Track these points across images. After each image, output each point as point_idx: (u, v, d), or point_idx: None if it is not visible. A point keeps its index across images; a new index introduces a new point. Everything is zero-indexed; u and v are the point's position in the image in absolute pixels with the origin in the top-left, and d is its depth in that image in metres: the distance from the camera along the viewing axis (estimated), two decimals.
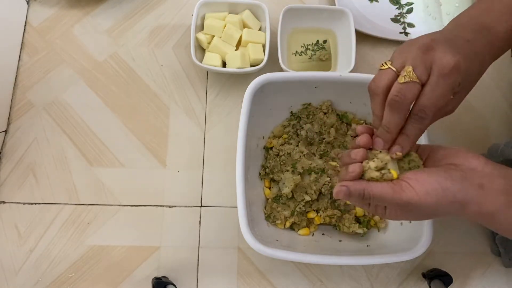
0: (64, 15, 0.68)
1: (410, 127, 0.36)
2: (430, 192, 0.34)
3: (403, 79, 0.34)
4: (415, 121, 0.36)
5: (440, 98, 0.34)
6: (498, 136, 0.63)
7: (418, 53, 0.34)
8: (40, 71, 0.65)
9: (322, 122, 0.59)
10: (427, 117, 0.35)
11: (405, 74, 0.34)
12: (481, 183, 0.34)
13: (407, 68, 0.34)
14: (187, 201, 0.59)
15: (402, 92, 0.34)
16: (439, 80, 0.34)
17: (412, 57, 0.35)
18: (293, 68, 0.64)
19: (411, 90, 0.34)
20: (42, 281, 0.55)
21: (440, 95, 0.34)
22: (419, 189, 0.34)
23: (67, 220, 0.58)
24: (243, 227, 0.47)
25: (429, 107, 0.34)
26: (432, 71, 0.34)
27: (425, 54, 0.34)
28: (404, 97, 0.34)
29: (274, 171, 0.57)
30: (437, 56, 0.34)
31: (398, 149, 0.37)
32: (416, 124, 0.36)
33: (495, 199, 0.34)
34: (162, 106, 0.63)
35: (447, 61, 0.34)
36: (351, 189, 0.36)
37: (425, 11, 0.70)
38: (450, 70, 0.34)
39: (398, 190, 0.35)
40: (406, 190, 0.34)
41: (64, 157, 0.60)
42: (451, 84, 0.34)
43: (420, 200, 0.34)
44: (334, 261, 0.48)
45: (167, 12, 0.69)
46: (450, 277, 0.53)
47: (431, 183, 0.34)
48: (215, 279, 0.56)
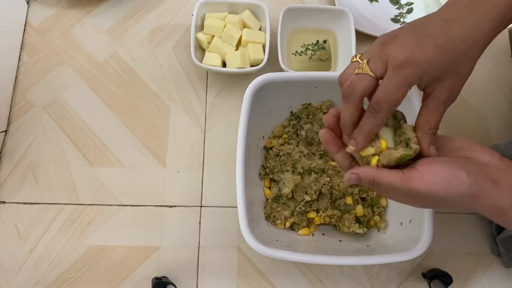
0: (64, 15, 0.68)
1: (365, 120, 0.36)
2: (441, 183, 0.33)
3: (356, 70, 0.35)
4: (369, 113, 0.35)
5: (394, 91, 0.34)
6: (498, 136, 0.63)
7: (376, 47, 0.35)
8: (40, 71, 0.65)
9: (322, 122, 0.59)
10: (380, 110, 0.34)
11: (360, 66, 0.35)
12: (495, 178, 0.34)
13: (363, 61, 0.35)
14: (187, 201, 0.59)
15: (353, 83, 0.35)
16: (393, 73, 0.34)
17: (371, 52, 0.35)
18: (293, 68, 0.64)
19: (360, 81, 0.34)
20: (42, 281, 0.55)
21: (394, 88, 0.34)
22: (429, 178, 0.34)
23: (67, 220, 0.58)
24: (243, 227, 0.47)
25: (382, 99, 0.34)
26: (388, 65, 0.34)
27: (382, 49, 0.35)
28: (353, 87, 0.35)
29: (274, 171, 0.57)
30: (391, 50, 0.34)
31: (352, 143, 0.36)
32: (370, 118, 0.35)
33: (508, 194, 0.34)
34: (162, 106, 0.63)
35: (398, 54, 0.34)
36: (361, 176, 0.36)
37: (425, 11, 0.70)
38: (402, 63, 0.33)
39: (407, 179, 0.34)
40: (416, 180, 0.34)
41: (64, 157, 0.60)
42: (405, 77, 0.34)
43: (429, 190, 0.34)
44: (334, 261, 0.48)
45: (167, 12, 0.69)
46: (450, 277, 0.53)
47: (444, 173, 0.34)
48: (215, 279, 0.56)
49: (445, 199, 0.34)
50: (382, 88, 0.34)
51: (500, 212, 0.34)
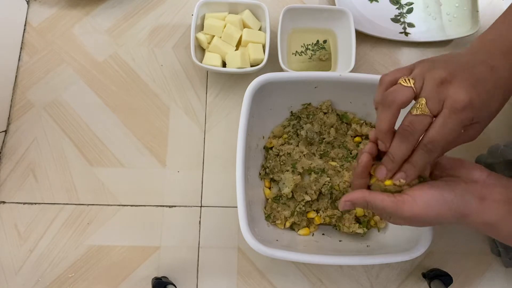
0: (64, 15, 0.68)
1: (418, 157, 0.36)
2: (431, 206, 0.35)
3: (415, 111, 0.34)
4: (424, 152, 0.35)
5: (450, 133, 0.34)
6: (498, 136, 0.63)
7: (433, 85, 0.34)
8: (40, 71, 0.65)
9: (322, 122, 0.59)
10: (435, 150, 0.35)
11: (418, 106, 0.34)
12: (482, 195, 0.36)
13: (421, 101, 0.34)
14: (187, 201, 0.59)
15: (414, 124, 0.35)
16: (450, 115, 0.34)
17: (428, 88, 0.34)
18: (293, 68, 0.64)
19: (422, 123, 0.34)
20: (42, 281, 0.55)
21: (450, 130, 0.34)
22: (420, 203, 0.36)
23: (67, 220, 0.58)
24: (243, 227, 0.47)
25: (438, 140, 0.34)
26: (444, 105, 0.34)
27: (439, 88, 0.34)
28: (414, 129, 0.35)
29: (274, 171, 0.57)
30: (451, 91, 0.34)
31: (402, 176, 0.37)
32: (424, 155, 0.36)
33: (496, 209, 0.35)
34: (162, 106, 0.63)
35: (460, 98, 0.33)
36: (355, 202, 0.39)
37: (425, 11, 0.70)
38: (463, 107, 0.33)
39: (399, 204, 0.36)
40: (408, 204, 0.36)
41: (64, 157, 0.60)
42: (462, 121, 0.34)
43: (421, 213, 0.36)
44: (334, 261, 0.48)
45: (167, 12, 0.69)
46: (450, 277, 0.53)
47: (434, 197, 0.36)
48: (215, 279, 0.56)
49: (438, 219, 0.36)
50: (439, 129, 0.34)
51: (491, 226, 0.36)
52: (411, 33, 0.68)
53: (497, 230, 0.36)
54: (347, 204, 0.39)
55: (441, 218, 0.36)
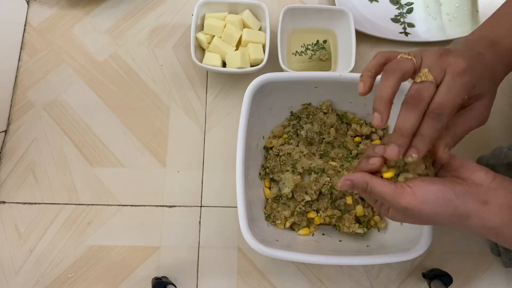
0: (64, 15, 0.68)
1: (426, 125, 0.35)
2: (429, 201, 0.35)
3: (419, 79, 0.36)
4: (431, 119, 0.35)
5: (456, 96, 0.35)
6: (498, 136, 0.63)
7: (434, 56, 0.36)
8: (40, 71, 0.65)
9: (322, 122, 0.59)
10: (444, 114, 0.35)
11: (421, 75, 0.36)
12: (486, 199, 0.35)
13: (423, 70, 0.36)
14: (187, 201, 0.59)
15: (420, 91, 0.35)
16: (454, 79, 0.35)
17: (428, 60, 0.36)
18: (293, 68, 0.64)
19: (427, 89, 0.35)
20: (42, 281, 0.55)
21: (456, 93, 0.35)
22: (419, 196, 0.35)
23: (67, 220, 0.58)
24: (243, 227, 0.47)
25: (445, 103, 0.35)
26: (446, 72, 0.36)
27: (440, 57, 0.36)
28: (421, 96, 0.35)
29: (274, 171, 0.57)
30: (451, 59, 0.36)
31: (413, 151, 0.36)
32: (432, 122, 0.35)
33: (500, 213, 0.35)
34: (162, 106, 0.63)
35: (460, 62, 0.36)
36: (355, 181, 0.38)
37: (425, 11, 0.70)
38: (464, 69, 0.35)
39: (398, 193, 0.36)
40: (406, 195, 0.35)
41: (64, 157, 0.60)
42: (465, 83, 0.35)
43: (417, 206, 0.35)
44: (334, 261, 0.48)
45: (167, 12, 0.69)
46: (450, 277, 0.53)
47: (433, 192, 0.35)
48: (215, 279, 0.56)
49: (434, 218, 0.36)
50: (444, 93, 0.35)
51: (494, 231, 0.35)
52: (411, 33, 0.68)
53: (500, 234, 0.35)
54: (347, 183, 0.38)
55: (437, 215, 0.35)
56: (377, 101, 0.37)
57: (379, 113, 0.36)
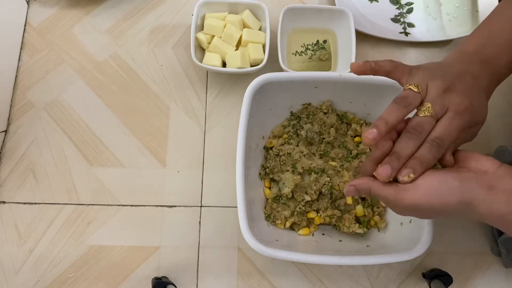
0: (64, 15, 0.68)
1: (425, 151, 0.37)
2: (434, 193, 0.35)
3: (423, 113, 0.38)
4: (431, 146, 0.37)
5: (455, 131, 0.38)
6: (499, 137, 0.63)
7: (438, 91, 0.38)
8: (40, 71, 0.65)
9: (322, 122, 0.59)
10: (443, 145, 0.37)
11: (425, 109, 0.38)
12: (491, 184, 0.35)
13: (427, 104, 0.38)
14: (187, 201, 0.59)
15: (422, 124, 0.38)
16: (455, 117, 0.38)
17: (433, 94, 0.38)
18: (293, 68, 0.64)
19: (429, 123, 0.38)
20: (42, 281, 0.55)
21: (455, 128, 0.38)
22: (422, 190, 0.35)
23: (67, 220, 0.58)
24: (243, 227, 0.47)
25: (445, 135, 0.37)
26: (449, 109, 0.38)
27: (443, 95, 0.38)
28: (423, 128, 0.37)
29: (274, 171, 0.57)
30: (453, 98, 0.38)
31: (409, 171, 0.36)
32: (431, 149, 0.37)
33: (506, 199, 0.34)
34: (162, 106, 0.63)
35: (462, 103, 0.38)
36: (358, 187, 0.39)
37: (425, 11, 0.70)
38: (464, 109, 0.38)
39: (400, 192, 0.36)
40: (409, 192, 0.36)
41: (64, 157, 0.60)
42: (464, 121, 0.38)
43: (422, 201, 0.35)
44: (334, 261, 0.48)
45: (167, 12, 0.69)
46: (450, 277, 0.53)
47: (437, 183, 0.35)
48: (215, 279, 0.56)
49: (441, 209, 0.36)
50: (445, 127, 0.37)
51: (500, 217, 0.35)
52: (411, 33, 0.68)
53: (505, 221, 0.35)
54: (351, 188, 0.39)
55: (444, 206, 0.35)
56: (380, 121, 0.37)
57: (378, 129, 0.37)
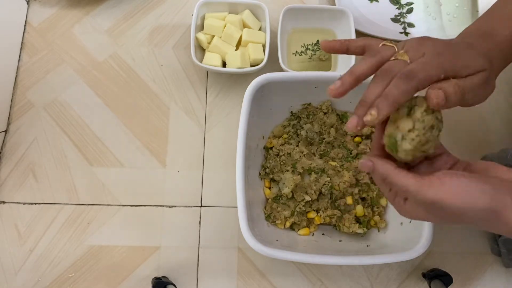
0: (64, 15, 0.68)
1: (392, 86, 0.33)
2: (462, 192, 0.31)
3: (394, 57, 0.36)
4: (399, 80, 0.33)
5: (429, 70, 0.33)
6: (499, 138, 0.63)
7: (414, 41, 0.37)
8: (40, 71, 0.65)
9: (322, 122, 0.59)
10: (414, 78, 0.33)
11: (396, 55, 0.36)
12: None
13: (400, 51, 0.36)
14: (187, 201, 0.59)
15: (391, 66, 0.35)
16: (432, 57, 0.34)
17: (408, 44, 0.37)
18: (293, 68, 0.64)
19: (399, 64, 0.35)
20: (42, 281, 0.55)
21: (429, 67, 0.33)
22: (449, 187, 0.32)
23: (67, 220, 0.58)
24: (243, 227, 0.47)
25: (418, 70, 0.33)
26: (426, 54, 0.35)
27: (420, 41, 0.36)
28: (391, 70, 0.35)
29: (274, 171, 0.57)
30: (429, 42, 0.36)
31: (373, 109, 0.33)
32: (399, 83, 0.33)
33: None
34: (162, 106, 0.63)
35: (438, 45, 0.36)
36: (376, 167, 0.35)
37: (425, 11, 0.70)
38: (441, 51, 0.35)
39: (425, 185, 0.32)
40: (434, 187, 0.32)
41: (64, 157, 0.60)
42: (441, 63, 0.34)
43: (448, 199, 0.31)
44: (334, 261, 0.48)
45: (167, 12, 0.69)
46: (450, 277, 0.53)
47: (465, 184, 0.32)
48: (215, 279, 0.56)
49: (464, 212, 0.32)
50: (419, 62, 0.34)
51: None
52: (411, 33, 0.68)
53: None
54: (368, 164, 0.36)
55: (469, 210, 0.32)
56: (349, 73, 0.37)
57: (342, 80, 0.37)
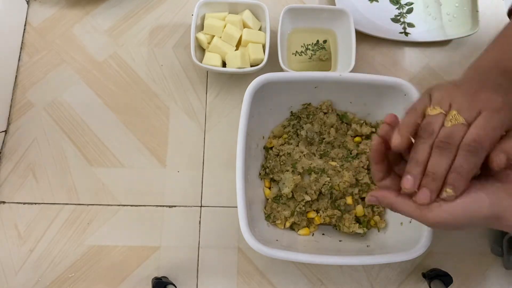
0: (64, 15, 0.68)
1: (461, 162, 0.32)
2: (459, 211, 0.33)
3: (449, 123, 0.33)
4: (467, 153, 0.32)
5: (493, 131, 0.32)
6: None
7: (464, 97, 0.34)
8: (40, 71, 0.65)
9: (322, 122, 0.59)
10: (482, 147, 0.32)
11: (451, 118, 0.34)
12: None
13: (452, 112, 0.34)
14: (187, 201, 0.59)
15: (451, 135, 0.33)
16: (492, 114, 0.33)
17: (458, 101, 0.34)
18: (293, 68, 0.64)
19: (459, 131, 0.33)
20: (42, 281, 0.55)
21: (494, 127, 0.32)
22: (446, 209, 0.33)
23: (67, 220, 0.58)
24: (243, 227, 0.47)
25: (482, 137, 0.32)
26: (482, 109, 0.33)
27: (472, 97, 0.34)
28: (452, 139, 0.33)
29: (274, 171, 0.57)
30: (483, 96, 0.33)
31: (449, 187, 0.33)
32: (468, 158, 0.32)
33: None
34: (162, 106, 0.63)
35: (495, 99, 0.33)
36: (380, 200, 0.38)
37: (425, 11, 0.70)
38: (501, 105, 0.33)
39: (424, 211, 0.34)
40: (433, 211, 0.34)
41: (64, 157, 0.60)
42: (503, 119, 0.33)
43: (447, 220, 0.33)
44: (334, 261, 0.48)
45: (167, 12, 0.69)
46: (450, 277, 0.53)
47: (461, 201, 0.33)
48: (215, 279, 0.56)
49: (466, 224, 0.34)
50: (480, 128, 0.32)
51: None
52: (411, 33, 0.68)
53: None
54: (373, 199, 0.38)
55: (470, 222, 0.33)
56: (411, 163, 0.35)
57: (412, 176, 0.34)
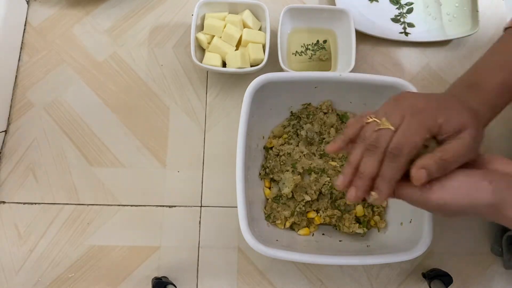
0: (64, 15, 0.68)
1: (386, 167, 0.36)
2: (462, 193, 0.34)
3: (377, 127, 0.36)
4: (390, 160, 0.35)
5: (413, 135, 0.35)
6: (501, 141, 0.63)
7: (391, 105, 0.37)
8: (40, 71, 0.65)
9: (322, 122, 0.59)
10: (401, 154, 0.35)
11: (380, 124, 0.36)
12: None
13: (382, 119, 0.37)
14: (187, 201, 0.59)
15: (378, 139, 0.36)
16: (411, 119, 0.35)
17: (386, 109, 0.37)
18: (293, 68, 0.64)
19: (385, 136, 0.36)
20: (42, 281, 0.55)
21: (412, 133, 0.35)
22: (450, 188, 0.34)
23: (67, 220, 0.58)
24: (243, 227, 0.47)
25: (402, 144, 0.35)
26: (404, 115, 0.36)
27: (396, 104, 0.37)
28: (379, 142, 0.36)
29: (274, 171, 0.57)
30: (406, 103, 0.37)
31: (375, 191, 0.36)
32: (391, 163, 0.35)
33: None
34: (162, 106, 0.63)
35: (415, 103, 0.36)
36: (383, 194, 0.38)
37: (425, 11, 0.70)
38: (420, 109, 0.35)
39: (426, 192, 0.35)
40: (435, 192, 0.34)
41: (64, 157, 0.60)
42: (422, 122, 0.35)
43: (449, 201, 0.34)
44: (334, 261, 0.48)
45: (167, 12, 0.69)
46: (450, 277, 0.53)
47: (465, 183, 0.34)
48: (215, 279, 0.56)
49: (466, 209, 0.34)
50: (400, 134, 0.35)
51: None
52: (411, 33, 0.68)
53: None
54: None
55: (471, 207, 0.34)
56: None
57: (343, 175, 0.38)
